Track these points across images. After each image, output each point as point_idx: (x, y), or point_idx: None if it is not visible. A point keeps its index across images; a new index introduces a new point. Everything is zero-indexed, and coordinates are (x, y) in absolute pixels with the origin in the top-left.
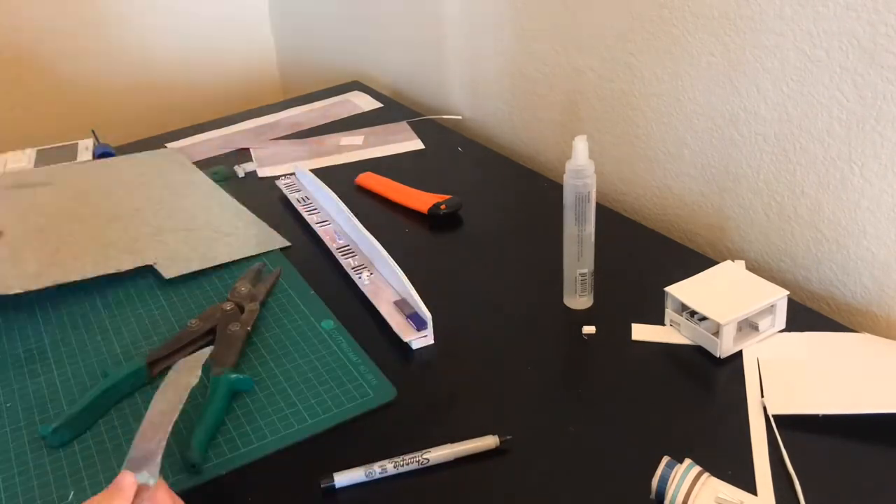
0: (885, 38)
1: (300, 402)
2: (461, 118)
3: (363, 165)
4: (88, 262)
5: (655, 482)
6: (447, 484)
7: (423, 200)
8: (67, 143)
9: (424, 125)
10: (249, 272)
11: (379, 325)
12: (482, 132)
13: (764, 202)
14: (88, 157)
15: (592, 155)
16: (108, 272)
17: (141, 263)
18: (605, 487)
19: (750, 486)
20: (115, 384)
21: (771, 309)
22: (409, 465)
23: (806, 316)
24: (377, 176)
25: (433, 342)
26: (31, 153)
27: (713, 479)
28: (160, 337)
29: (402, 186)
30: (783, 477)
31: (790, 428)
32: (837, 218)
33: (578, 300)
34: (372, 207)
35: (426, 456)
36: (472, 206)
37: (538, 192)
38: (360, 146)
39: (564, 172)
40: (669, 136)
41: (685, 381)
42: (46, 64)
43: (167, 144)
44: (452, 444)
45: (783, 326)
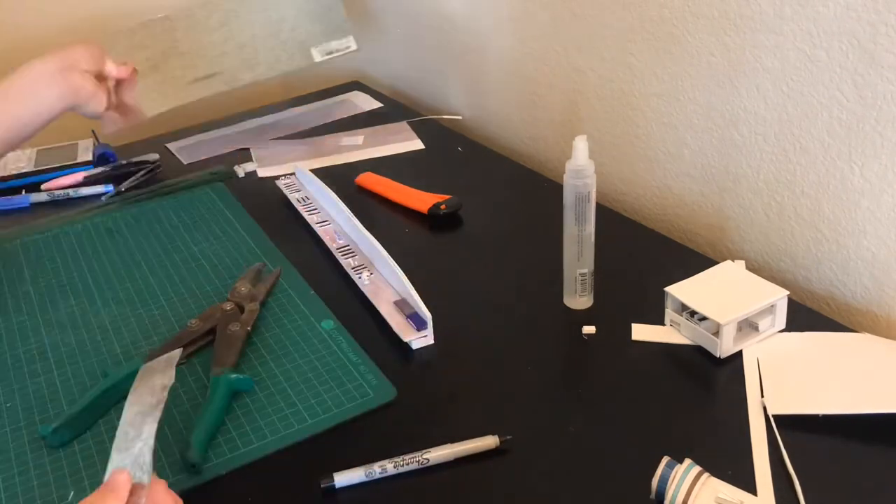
0: (885, 38)
1: (300, 402)
2: (461, 118)
3: (363, 165)
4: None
5: (655, 482)
6: (447, 484)
7: (423, 200)
8: (67, 143)
9: (424, 125)
10: (249, 272)
11: (379, 325)
12: (482, 132)
13: (764, 202)
14: (88, 157)
15: (592, 155)
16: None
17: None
18: (605, 487)
19: (750, 486)
20: (115, 384)
21: (771, 309)
22: (409, 465)
23: (806, 316)
24: (377, 176)
25: (433, 342)
26: (31, 153)
27: (713, 479)
28: (160, 337)
29: (402, 186)
30: (783, 477)
31: (790, 428)
32: (837, 218)
33: (578, 300)
34: (372, 207)
35: (426, 456)
36: (472, 206)
37: (538, 192)
38: (360, 146)
39: (564, 172)
40: (669, 136)
41: (685, 381)
42: None
43: (167, 145)
44: (452, 444)
45: (783, 326)
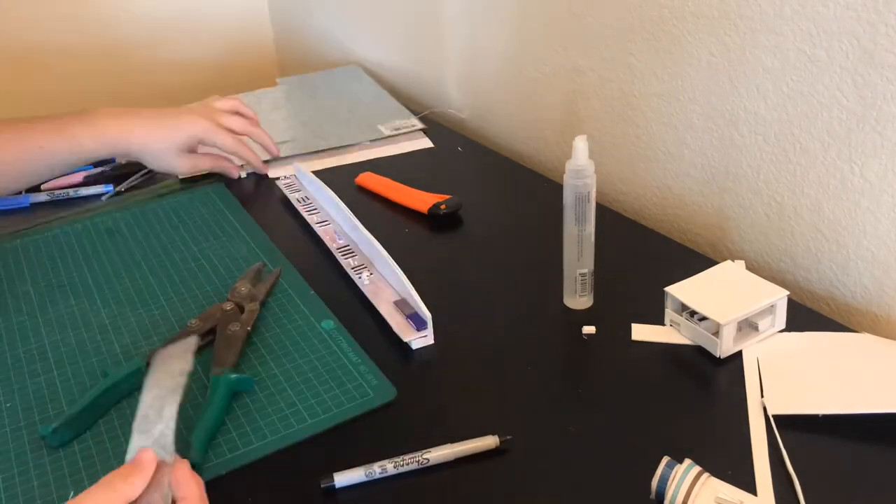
0: (885, 38)
1: (300, 402)
2: (464, 116)
3: (363, 165)
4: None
5: (655, 482)
6: (447, 484)
7: (423, 200)
8: None
9: (425, 125)
10: (249, 272)
11: (379, 325)
12: (482, 132)
13: (764, 202)
14: None
15: (592, 155)
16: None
17: None
18: (605, 487)
19: (750, 486)
20: (115, 384)
21: (771, 309)
22: (409, 465)
23: (806, 316)
24: (377, 176)
25: (433, 342)
26: None
27: (713, 479)
28: (160, 337)
29: (402, 186)
30: (783, 477)
31: (790, 428)
32: (837, 218)
33: (578, 300)
34: (372, 207)
35: (426, 456)
36: (472, 206)
37: (538, 192)
38: (368, 145)
39: (564, 172)
40: (669, 136)
41: (685, 381)
42: (46, 62)
43: None
44: (452, 444)
45: (783, 326)
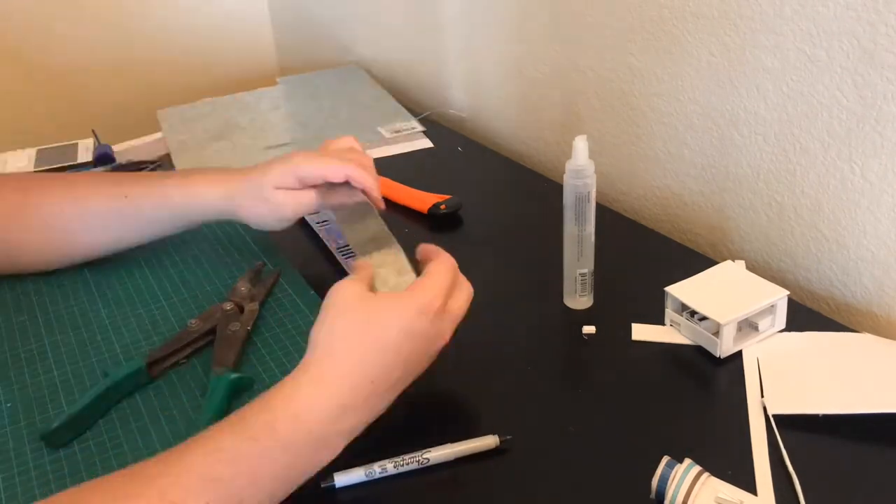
0: (885, 38)
1: None
2: (464, 116)
3: None
4: None
5: (655, 482)
6: (447, 483)
7: (423, 200)
8: (68, 142)
9: (424, 125)
10: (249, 272)
11: None
12: (482, 132)
13: (764, 202)
14: (88, 157)
15: (592, 155)
16: None
17: None
18: (605, 487)
19: (750, 486)
20: (115, 384)
21: (771, 309)
22: (409, 464)
23: (806, 316)
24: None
25: None
26: (31, 153)
27: (713, 478)
28: (160, 337)
29: (401, 186)
30: (783, 477)
31: (790, 428)
32: (837, 218)
33: (578, 300)
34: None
35: (426, 455)
36: (472, 206)
37: (538, 192)
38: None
39: (564, 172)
40: (669, 136)
41: (685, 381)
42: (46, 62)
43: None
44: (452, 444)
45: (783, 326)
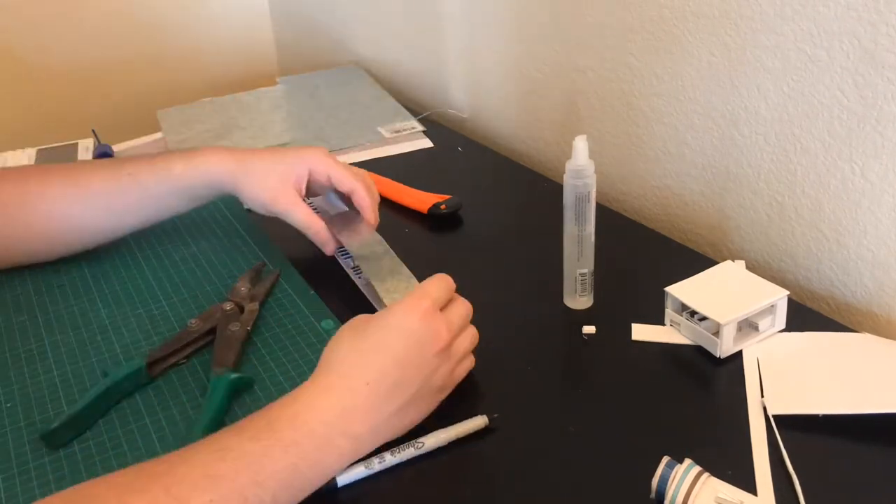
0: (886, 38)
1: None
2: (464, 116)
3: (363, 165)
4: None
5: (655, 482)
6: (447, 484)
7: (423, 200)
8: (68, 142)
9: (425, 125)
10: (249, 272)
11: None
12: (482, 132)
13: (764, 202)
14: (88, 157)
15: (592, 155)
16: None
17: None
18: (605, 487)
19: (750, 486)
20: (115, 384)
21: (771, 309)
22: (405, 451)
23: (806, 316)
24: (377, 176)
25: None
26: (31, 153)
27: (713, 479)
28: (160, 337)
29: (402, 186)
30: (783, 477)
31: (790, 428)
32: (838, 218)
33: (578, 300)
34: None
35: (420, 440)
36: (472, 206)
37: (538, 192)
38: (366, 146)
39: (564, 172)
40: (669, 136)
41: (685, 381)
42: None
43: (168, 144)
44: (445, 428)
45: (783, 326)
